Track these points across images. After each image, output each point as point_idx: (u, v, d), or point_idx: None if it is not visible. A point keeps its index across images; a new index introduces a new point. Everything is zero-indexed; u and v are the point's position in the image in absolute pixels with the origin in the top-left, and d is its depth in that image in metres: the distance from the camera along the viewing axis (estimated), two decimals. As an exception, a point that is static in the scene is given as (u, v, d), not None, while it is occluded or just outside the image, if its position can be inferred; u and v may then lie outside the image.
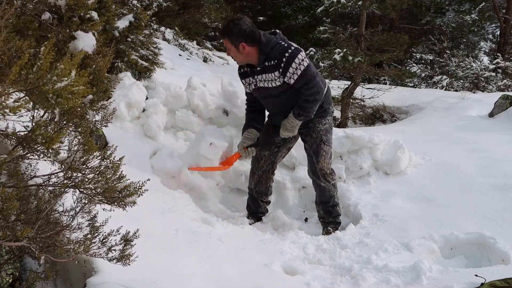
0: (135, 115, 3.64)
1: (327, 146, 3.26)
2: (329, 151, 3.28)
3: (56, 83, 1.24)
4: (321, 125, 3.24)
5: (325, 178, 3.27)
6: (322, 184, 3.28)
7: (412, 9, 11.94)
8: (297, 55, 2.95)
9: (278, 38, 3.04)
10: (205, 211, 3.28)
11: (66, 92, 1.27)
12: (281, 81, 3.02)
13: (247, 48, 2.99)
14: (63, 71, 1.25)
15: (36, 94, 1.24)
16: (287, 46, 2.98)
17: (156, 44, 4.66)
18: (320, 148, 3.23)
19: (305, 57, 2.99)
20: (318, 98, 3.07)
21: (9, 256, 1.92)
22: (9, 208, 1.43)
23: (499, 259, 2.74)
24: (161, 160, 3.47)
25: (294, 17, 14.48)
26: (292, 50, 2.96)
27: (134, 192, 1.74)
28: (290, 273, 2.61)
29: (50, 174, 1.72)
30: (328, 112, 3.28)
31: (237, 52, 3.03)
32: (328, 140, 3.27)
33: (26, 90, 1.22)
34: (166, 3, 7.60)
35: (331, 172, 3.33)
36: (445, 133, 4.88)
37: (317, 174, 3.27)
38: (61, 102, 1.28)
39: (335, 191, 3.35)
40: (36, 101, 1.27)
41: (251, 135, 3.28)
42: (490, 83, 9.89)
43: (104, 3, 3.26)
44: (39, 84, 1.21)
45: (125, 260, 1.74)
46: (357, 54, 6.60)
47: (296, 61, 2.94)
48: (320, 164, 3.24)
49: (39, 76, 1.21)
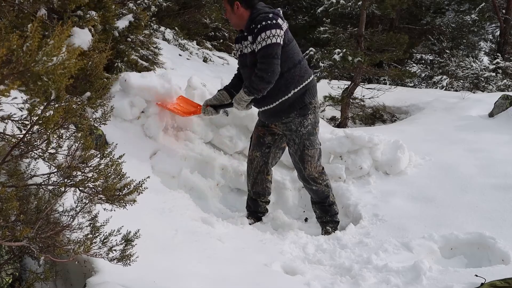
0: (136, 114, 3.64)
1: (312, 150, 3.16)
2: (315, 154, 3.19)
3: (47, 63, 1.22)
4: (302, 127, 3.11)
5: (315, 181, 3.24)
6: (314, 188, 3.28)
7: (412, 9, 11.94)
8: (271, 29, 2.85)
9: (271, 10, 2.98)
10: (205, 211, 3.27)
11: (59, 68, 1.24)
12: (252, 47, 2.96)
13: (240, 9, 2.99)
14: (53, 49, 1.22)
15: (27, 76, 1.22)
16: (270, 17, 2.89)
17: (156, 44, 4.67)
18: (305, 154, 3.16)
19: (279, 36, 2.87)
20: (265, 76, 2.91)
21: (9, 256, 1.92)
22: (8, 208, 1.43)
23: (499, 259, 2.74)
24: (161, 160, 3.47)
25: (294, 17, 14.48)
26: (270, 23, 2.87)
27: (134, 190, 1.74)
28: (290, 273, 2.61)
29: (49, 173, 1.72)
30: (308, 107, 3.10)
31: (231, 13, 3.03)
32: (312, 143, 3.16)
33: (17, 72, 1.20)
34: (166, 3, 7.60)
35: (321, 173, 3.26)
36: (445, 133, 4.88)
37: (306, 180, 3.26)
38: (54, 79, 1.25)
39: (329, 191, 3.32)
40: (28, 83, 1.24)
41: (220, 97, 3.29)
42: (490, 83, 9.89)
43: (104, 3, 3.27)
44: (30, 65, 1.19)
45: (126, 260, 1.73)
46: (357, 54, 6.60)
47: (267, 33, 2.85)
48: (307, 170, 3.20)
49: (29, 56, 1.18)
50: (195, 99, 3.88)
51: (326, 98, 7.50)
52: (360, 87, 7.50)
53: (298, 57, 3.05)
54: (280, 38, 2.89)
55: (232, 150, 4.00)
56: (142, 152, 3.43)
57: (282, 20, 2.97)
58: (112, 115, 3.33)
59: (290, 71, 3.01)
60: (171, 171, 3.50)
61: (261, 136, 3.36)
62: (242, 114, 3.93)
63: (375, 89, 7.54)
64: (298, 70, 3.04)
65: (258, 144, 3.37)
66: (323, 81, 7.89)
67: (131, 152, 3.12)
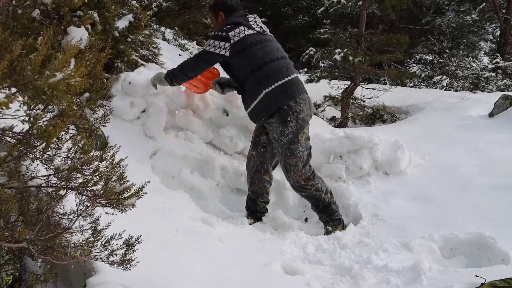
0: (136, 114, 3.65)
1: (294, 158, 3.15)
2: (298, 162, 3.15)
3: (50, 78, 1.22)
4: (283, 136, 3.11)
5: (304, 188, 3.24)
6: (303, 194, 3.30)
7: (412, 9, 11.92)
8: (217, 40, 3.11)
9: (237, 19, 3.17)
10: (205, 211, 3.27)
11: (62, 85, 1.25)
12: None
13: (220, 18, 3.30)
14: (59, 64, 1.22)
15: (30, 88, 1.22)
16: (225, 29, 3.12)
17: (156, 44, 4.66)
18: (287, 163, 3.18)
19: (220, 47, 3.10)
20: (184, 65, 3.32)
21: (9, 257, 1.92)
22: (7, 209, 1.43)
23: (499, 259, 2.74)
24: (161, 160, 3.48)
25: (294, 17, 14.47)
26: (220, 34, 3.12)
27: (134, 194, 1.74)
28: (290, 273, 2.61)
29: (49, 175, 1.72)
30: (287, 113, 3.06)
31: (215, 22, 3.34)
32: (294, 152, 3.13)
33: (20, 85, 1.20)
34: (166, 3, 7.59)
35: (308, 178, 3.21)
36: (445, 133, 4.88)
37: (294, 187, 3.30)
38: (57, 95, 1.26)
39: (321, 194, 3.27)
40: (31, 95, 1.24)
41: (229, 78, 3.50)
42: (490, 83, 9.88)
43: (104, 3, 3.26)
44: (33, 78, 1.19)
45: (127, 264, 1.73)
46: (357, 54, 6.60)
47: (210, 41, 3.17)
48: (291, 179, 3.23)
49: (33, 70, 1.18)
50: (195, 99, 3.89)
51: (326, 98, 7.49)
52: (360, 87, 7.49)
53: (263, 60, 3.12)
54: (220, 50, 3.11)
55: (232, 150, 4.00)
56: (142, 152, 3.43)
57: (246, 27, 3.15)
58: (112, 115, 3.34)
59: (255, 73, 3.10)
60: (171, 171, 3.50)
61: (257, 135, 3.41)
62: (242, 114, 3.93)
63: (375, 89, 7.53)
64: (265, 71, 3.10)
65: (255, 143, 3.42)
66: (323, 81, 7.88)
67: (131, 152, 3.12)
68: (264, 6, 14.57)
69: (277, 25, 14.10)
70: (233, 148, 3.99)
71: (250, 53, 3.10)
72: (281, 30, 14.19)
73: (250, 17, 3.26)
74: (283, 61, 3.18)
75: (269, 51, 3.17)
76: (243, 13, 3.29)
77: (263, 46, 3.16)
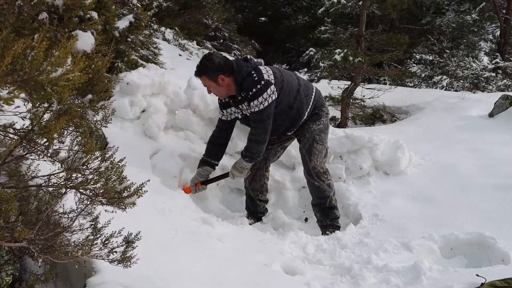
0: (136, 114, 3.65)
1: (321, 145, 3.28)
2: (323, 150, 3.30)
3: (51, 73, 1.23)
4: (315, 125, 3.28)
5: (319, 177, 3.26)
6: (316, 184, 3.27)
7: (412, 9, 11.93)
8: (265, 92, 2.95)
9: (250, 67, 3.02)
10: (205, 211, 3.27)
11: (62, 80, 1.25)
12: (248, 112, 3.09)
13: (226, 80, 3.01)
14: (58, 59, 1.23)
15: (31, 84, 1.22)
16: (258, 79, 2.96)
17: (156, 44, 4.67)
18: (313, 147, 3.26)
19: (271, 93, 2.98)
20: (260, 139, 3.08)
21: (9, 257, 1.92)
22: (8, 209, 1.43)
23: (499, 259, 2.74)
24: (161, 160, 3.47)
25: (294, 17, 14.49)
26: (261, 85, 2.95)
27: (134, 193, 1.74)
28: (290, 273, 2.61)
29: (49, 175, 1.72)
30: (320, 115, 3.32)
31: (217, 87, 3.05)
32: (322, 139, 3.30)
33: (21, 81, 1.20)
34: (166, 3, 7.59)
35: (325, 171, 3.32)
36: (445, 133, 4.89)
37: (310, 173, 3.27)
38: (57, 90, 1.26)
39: (331, 192, 3.31)
40: (32, 91, 1.25)
41: (204, 173, 3.30)
42: (490, 83, 9.89)
43: (104, 3, 3.27)
44: (34, 74, 1.20)
45: (127, 262, 1.73)
46: (357, 54, 6.60)
47: (259, 100, 2.96)
48: (312, 162, 3.25)
49: (33, 66, 1.19)
50: (195, 99, 3.89)
51: (326, 98, 7.50)
52: (360, 87, 7.50)
53: (295, 84, 3.18)
54: (273, 96, 3.00)
55: (232, 150, 4.00)
56: (142, 152, 3.43)
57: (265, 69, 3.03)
58: (113, 115, 3.33)
59: (296, 100, 3.16)
60: (171, 171, 3.50)
61: None
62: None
63: (375, 89, 7.53)
64: (302, 92, 3.19)
65: None
66: (323, 81, 7.91)
67: (131, 152, 3.12)
68: (264, 6, 14.58)
69: (277, 25, 14.11)
70: (233, 148, 3.98)
71: (286, 84, 3.11)
72: (281, 30, 14.20)
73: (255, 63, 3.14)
74: (302, 80, 3.32)
75: (291, 74, 3.30)
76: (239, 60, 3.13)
77: (287, 73, 3.27)
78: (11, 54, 1.15)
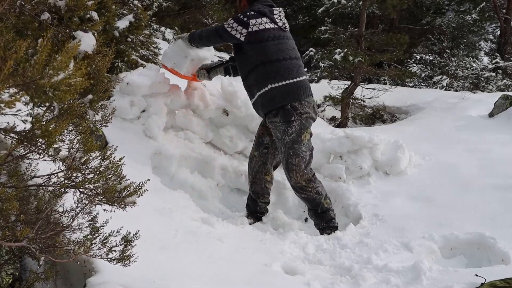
0: (136, 114, 3.65)
1: (297, 158, 3.13)
2: (300, 162, 3.14)
3: (53, 77, 1.23)
4: (286, 136, 3.10)
5: (304, 190, 3.21)
6: (303, 196, 3.26)
7: (412, 9, 11.93)
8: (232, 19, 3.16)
9: (257, 9, 3.17)
10: (205, 211, 3.27)
11: (64, 85, 1.26)
12: None
13: (243, 2, 3.34)
14: (60, 64, 1.24)
15: (33, 88, 1.23)
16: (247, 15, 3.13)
17: (156, 44, 4.67)
18: (289, 163, 3.16)
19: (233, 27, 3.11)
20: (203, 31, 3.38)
21: (9, 256, 1.92)
22: (8, 208, 1.43)
23: (499, 259, 2.74)
24: (161, 160, 3.47)
25: (294, 17, 14.47)
26: (239, 16, 3.16)
27: (134, 192, 1.74)
28: (290, 273, 2.61)
29: (50, 174, 1.72)
30: (291, 113, 3.06)
31: (238, 6, 3.41)
32: (297, 151, 3.12)
33: (23, 84, 1.21)
34: (166, 3, 7.59)
35: (310, 180, 3.20)
36: (445, 133, 4.89)
37: (295, 188, 3.26)
38: (59, 95, 1.27)
39: (322, 198, 3.25)
40: (33, 95, 1.25)
41: (213, 61, 3.65)
42: (490, 83, 9.89)
43: (104, 3, 3.27)
44: (36, 78, 1.20)
45: (126, 260, 1.73)
46: (357, 54, 6.60)
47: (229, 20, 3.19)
48: (293, 179, 3.19)
49: (36, 70, 1.19)
50: (195, 99, 3.89)
51: (326, 98, 7.50)
52: (360, 87, 7.50)
53: (276, 56, 3.12)
54: (232, 30, 3.13)
55: (232, 150, 4.01)
56: (142, 152, 3.43)
57: (269, 19, 3.15)
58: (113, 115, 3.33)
59: (265, 66, 3.11)
60: (171, 171, 3.50)
61: (260, 136, 3.41)
62: (242, 114, 3.94)
63: (375, 89, 7.54)
64: (276, 66, 3.10)
65: (257, 143, 3.42)
66: (323, 81, 7.89)
67: (131, 151, 3.13)
68: (264, 6, 14.50)
69: (277, 25, 14.04)
70: (233, 148, 3.99)
71: (265, 46, 3.11)
72: (281, 30, 14.16)
73: (276, 9, 3.24)
74: (295, 61, 3.18)
75: (284, 49, 3.17)
76: (270, 3, 3.27)
77: (280, 42, 3.16)
78: (13, 57, 1.15)
